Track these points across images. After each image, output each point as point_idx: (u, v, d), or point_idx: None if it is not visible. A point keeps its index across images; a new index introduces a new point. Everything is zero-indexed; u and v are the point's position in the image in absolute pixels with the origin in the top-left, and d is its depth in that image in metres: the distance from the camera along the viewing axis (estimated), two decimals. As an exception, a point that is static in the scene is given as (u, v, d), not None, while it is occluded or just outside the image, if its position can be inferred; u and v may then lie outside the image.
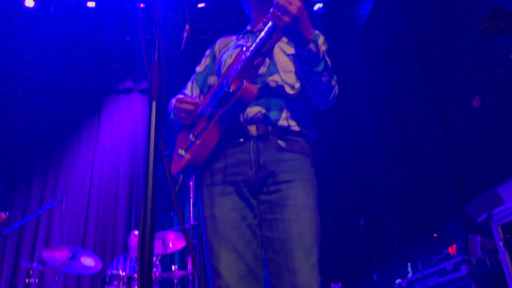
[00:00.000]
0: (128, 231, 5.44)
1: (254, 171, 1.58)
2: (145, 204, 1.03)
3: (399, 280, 3.91)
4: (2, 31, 5.61)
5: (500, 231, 2.84)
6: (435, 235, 4.49)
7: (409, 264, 3.95)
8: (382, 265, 4.96)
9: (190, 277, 4.15)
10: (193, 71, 2.02)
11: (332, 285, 4.79)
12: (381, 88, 5.52)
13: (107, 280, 3.85)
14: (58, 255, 4.08)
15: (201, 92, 1.94)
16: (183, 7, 5.14)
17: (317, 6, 5.48)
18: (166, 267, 5.19)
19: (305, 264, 1.45)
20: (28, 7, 5.37)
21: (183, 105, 1.68)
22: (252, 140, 1.61)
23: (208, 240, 1.55)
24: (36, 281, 4.09)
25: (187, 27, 1.66)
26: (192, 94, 1.92)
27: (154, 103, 1.11)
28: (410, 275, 3.83)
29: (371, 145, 5.55)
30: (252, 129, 1.62)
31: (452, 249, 3.48)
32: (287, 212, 1.51)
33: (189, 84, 1.99)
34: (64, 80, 6.25)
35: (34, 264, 4.19)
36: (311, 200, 1.56)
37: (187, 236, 1.16)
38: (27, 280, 4.44)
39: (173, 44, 4.82)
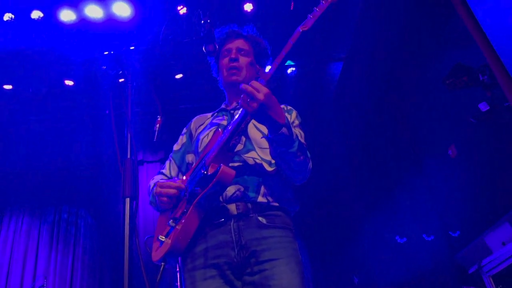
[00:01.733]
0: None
1: (236, 252, 1.56)
2: None
3: None
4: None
5: (492, 282, 2.81)
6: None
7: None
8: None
9: None
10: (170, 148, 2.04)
11: None
12: (358, 141, 5.65)
13: None
14: None
15: (179, 170, 1.95)
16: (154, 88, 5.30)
17: (290, 69, 5.69)
18: None
19: None
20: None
21: (164, 190, 1.67)
22: (232, 220, 1.61)
23: None
24: None
25: (159, 119, 1.70)
26: (171, 176, 1.93)
27: (128, 200, 1.11)
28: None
29: (354, 197, 5.58)
30: (232, 208, 1.62)
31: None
32: None
33: (167, 163, 2.00)
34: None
35: None
36: (296, 277, 1.54)
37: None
38: None
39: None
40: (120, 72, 1.58)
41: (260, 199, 1.64)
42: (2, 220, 6.12)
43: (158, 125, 1.70)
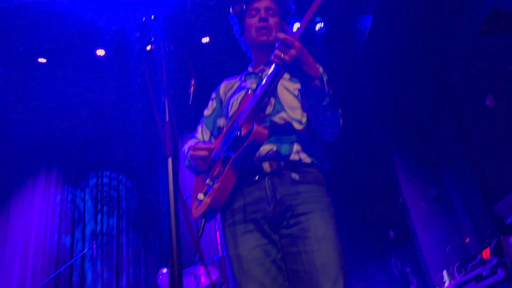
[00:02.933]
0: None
1: (272, 207, 1.63)
2: (171, 246, 1.08)
3: (436, 289, 3.84)
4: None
5: (530, 231, 2.80)
6: (467, 239, 4.41)
7: (444, 272, 3.89)
8: (417, 276, 4.87)
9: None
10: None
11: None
12: (390, 96, 5.53)
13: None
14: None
15: (211, 134, 2.01)
16: (186, 56, 5.31)
17: (318, 26, 5.56)
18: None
19: None
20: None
21: (198, 152, 1.75)
22: (266, 177, 1.67)
23: (236, 279, 1.59)
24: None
25: (192, 82, 1.74)
26: (204, 140, 1.99)
27: (170, 160, 1.17)
28: (447, 283, 3.76)
29: (388, 152, 5.52)
30: (266, 166, 1.68)
31: (486, 253, 3.42)
32: (309, 244, 1.55)
33: (199, 128, 2.06)
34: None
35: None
36: (330, 229, 1.60)
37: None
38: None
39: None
40: (152, 38, 1.61)
41: (292, 157, 1.69)
42: (49, 191, 6.50)
43: (192, 88, 1.74)
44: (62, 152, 6.76)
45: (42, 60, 5.50)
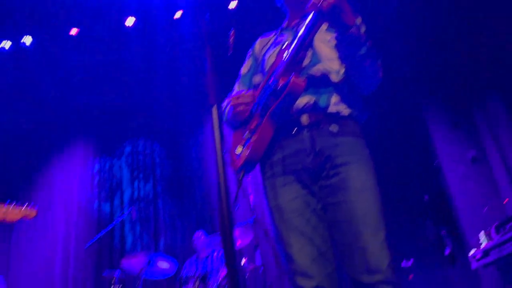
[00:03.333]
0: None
1: (311, 159, 1.64)
2: (221, 202, 1.11)
3: (473, 250, 3.79)
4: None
5: None
6: (505, 201, 4.31)
7: (482, 233, 3.83)
8: (453, 238, 4.82)
9: (261, 270, 4.27)
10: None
11: (403, 263, 4.73)
12: (424, 48, 5.26)
13: (183, 281, 4.05)
14: (136, 262, 4.34)
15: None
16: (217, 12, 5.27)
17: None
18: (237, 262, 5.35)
19: (374, 242, 1.50)
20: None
21: (241, 99, 1.76)
22: (305, 129, 1.67)
23: (278, 229, 1.62)
24: (118, 288, 4.35)
25: (232, 32, 1.73)
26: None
27: (215, 107, 1.19)
28: (484, 244, 3.71)
29: (421, 112, 5.35)
30: (304, 119, 1.68)
31: (525, 214, 3.34)
32: (349, 194, 1.56)
33: (236, 87, 2.07)
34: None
35: (115, 273, 4.48)
36: (371, 179, 1.60)
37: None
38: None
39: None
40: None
41: (330, 109, 1.68)
42: (87, 161, 6.75)
43: (232, 39, 1.74)
44: (98, 122, 6.96)
45: (73, 30, 5.59)
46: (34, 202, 6.12)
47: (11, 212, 1.92)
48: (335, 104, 1.69)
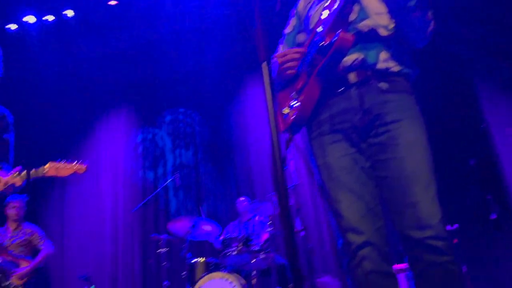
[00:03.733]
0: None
1: (359, 117, 1.62)
2: (275, 165, 1.13)
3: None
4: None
5: None
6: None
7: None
8: (499, 204, 4.69)
9: (302, 234, 4.34)
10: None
11: (448, 227, 4.66)
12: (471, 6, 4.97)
13: (227, 243, 4.19)
14: (181, 225, 4.51)
15: None
16: None
17: None
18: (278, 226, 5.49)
19: (425, 197, 1.48)
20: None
21: (288, 56, 1.73)
22: (353, 87, 1.65)
23: (326, 187, 1.63)
24: (165, 250, 4.56)
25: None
26: None
27: (265, 64, 1.19)
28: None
29: (469, 72, 5.11)
30: (352, 76, 1.65)
31: None
32: (399, 151, 1.54)
33: (280, 47, 2.04)
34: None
35: (162, 236, 4.69)
36: (421, 136, 1.58)
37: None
38: (157, 251, 4.98)
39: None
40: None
41: (379, 65, 1.64)
42: (130, 132, 6.97)
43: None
44: (139, 92, 7.14)
45: (112, 2, 5.66)
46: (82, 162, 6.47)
47: (62, 168, 2.07)
48: (384, 61, 1.65)
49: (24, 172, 2.05)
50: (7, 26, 5.54)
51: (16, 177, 2.03)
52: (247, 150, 6.51)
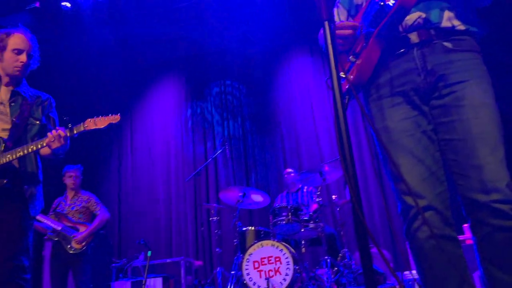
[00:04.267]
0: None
1: (422, 78, 1.57)
2: (340, 135, 1.12)
3: None
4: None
5: None
6: None
7: None
8: None
9: (351, 204, 4.32)
10: None
11: None
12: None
13: (276, 212, 4.25)
14: (231, 195, 4.63)
15: (349, 14, 1.92)
16: None
17: None
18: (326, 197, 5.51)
19: (491, 160, 1.43)
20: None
21: (341, 32, 1.69)
22: (415, 48, 1.59)
23: (385, 151, 1.60)
24: (216, 218, 4.71)
25: None
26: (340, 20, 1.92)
27: (326, 23, 1.17)
28: None
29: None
30: (413, 37, 1.59)
31: None
32: (465, 112, 1.48)
33: (335, 10, 1.98)
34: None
35: (214, 204, 4.83)
36: (489, 97, 1.50)
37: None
38: (209, 219, 5.16)
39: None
40: None
41: (444, 24, 1.57)
42: (180, 105, 7.14)
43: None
44: (188, 64, 7.28)
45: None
46: (136, 134, 6.73)
47: (99, 120, 2.28)
48: (449, 19, 1.57)
49: (68, 129, 2.25)
50: (62, 4, 5.75)
51: (62, 132, 2.22)
52: (294, 121, 6.51)
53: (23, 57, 2.36)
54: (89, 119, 2.30)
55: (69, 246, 4.09)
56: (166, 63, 7.32)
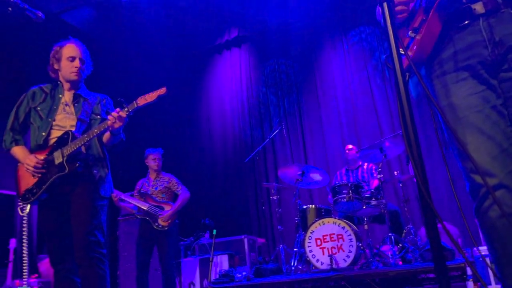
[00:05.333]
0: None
1: (490, 50, 1.48)
2: (402, 107, 1.11)
3: None
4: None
5: None
6: None
7: None
8: None
9: (414, 179, 4.21)
10: None
11: None
12: None
13: (337, 190, 4.24)
14: (291, 173, 4.67)
15: None
16: None
17: None
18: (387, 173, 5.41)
19: None
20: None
21: (399, 8, 1.63)
22: (480, 19, 1.50)
23: (451, 129, 1.54)
24: (276, 197, 4.78)
25: None
26: None
27: (385, 4, 1.15)
28: None
29: None
30: (478, 7, 1.50)
31: None
32: None
33: None
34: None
35: (273, 183, 4.91)
36: None
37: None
38: (269, 198, 5.26)
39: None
40: None
41: None
42: (237, 87, 7.24)
43: None
44: (250, 39, 7.31)
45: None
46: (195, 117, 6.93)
47: (149, 96, 2.51)
48: None
49: (125, 109, 2.50)
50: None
51: (121, 112, 2.48)
52: (351, 96, 6.38)
53: (76, 63, 2.69)
54: (140, 97, 2.52)
55: (156, 224, 4.38)
56: (227, 39, 7.43)
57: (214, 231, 4.39)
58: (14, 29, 5.20)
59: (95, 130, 2.51)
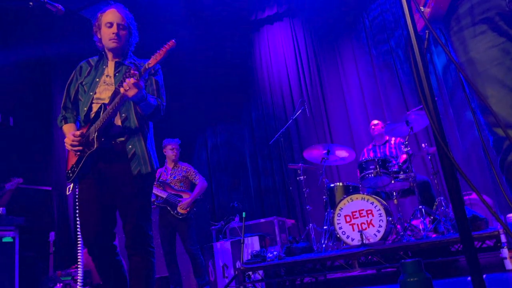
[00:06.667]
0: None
1: (507, 1, 1.42)
2: (418, 73, 1.08)
3: None
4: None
5: None
6: None
7: None
8: None
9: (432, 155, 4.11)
10: None
11: None
12: None
13: (364, 166, 4.20)
14: (316, 152, 4.65)
15: None
16: None
17: None
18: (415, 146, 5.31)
19: None
20: None
21: None
22: None
23: (471, 84, 1.49)
24: (303, 178, 4.77)
25: None
26: None
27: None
28: None
29: None
30: None
31: None
32: None
33: None
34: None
35: (300, 164, 4.90)
36: None
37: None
38: (297, 178, 5.24)
39: None
40: None
41: None
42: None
43: None
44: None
45: None
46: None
47: (158, 54, 2.24)
48: None
49: (137, 74, 2.25)
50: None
51: (128, 80, 2.23)
52: (372, 69, 6.26)
53: (114, 29, 2.47)
54: (150, 58, 2.30)
55: (175, 212, 4.47)
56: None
57: (244, 214, 4.43)
58: (35, 25, 5.33)
59: (116, 101, 2.30)
